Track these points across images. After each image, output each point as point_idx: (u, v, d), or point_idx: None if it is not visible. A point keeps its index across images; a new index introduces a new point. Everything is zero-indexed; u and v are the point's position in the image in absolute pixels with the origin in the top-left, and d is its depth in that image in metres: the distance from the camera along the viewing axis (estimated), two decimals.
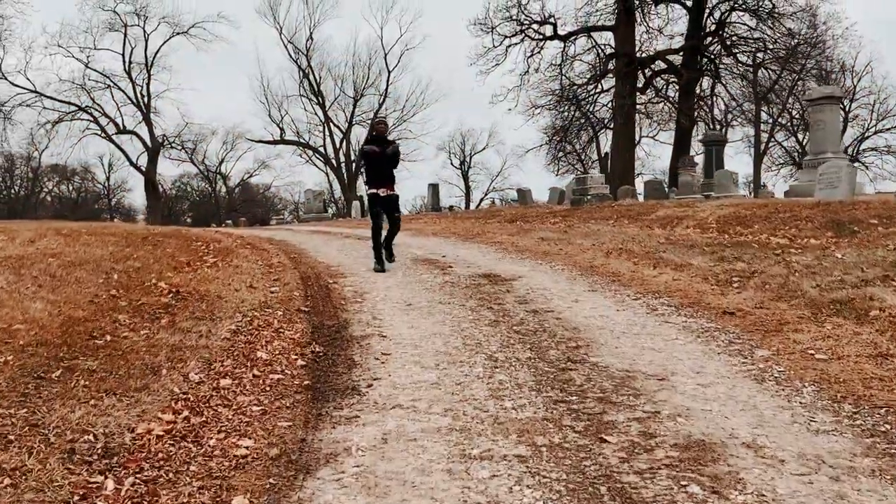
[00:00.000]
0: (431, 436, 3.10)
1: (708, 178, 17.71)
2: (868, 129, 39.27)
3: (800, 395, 3.53)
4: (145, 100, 41.93)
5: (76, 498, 2.37)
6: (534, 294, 6.26)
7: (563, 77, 26.57)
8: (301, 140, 44.92)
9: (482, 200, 49.97)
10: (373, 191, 7.90)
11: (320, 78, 43.37)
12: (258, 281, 6.36)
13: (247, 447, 2.91)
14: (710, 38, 26.05)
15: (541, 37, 26.36)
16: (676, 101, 27.30)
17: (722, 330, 4.78)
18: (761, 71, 27.18)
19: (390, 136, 8.25)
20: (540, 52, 26.41)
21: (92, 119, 41.40)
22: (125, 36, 40.20)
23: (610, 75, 26.53)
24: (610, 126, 30.12)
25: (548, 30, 26.28)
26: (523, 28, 26.02)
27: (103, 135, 42.30)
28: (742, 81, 28.21)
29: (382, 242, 7.96)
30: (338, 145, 44.41)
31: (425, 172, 53.06)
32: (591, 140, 37.55)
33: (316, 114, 44.03)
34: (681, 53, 26.14)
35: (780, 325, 4.76)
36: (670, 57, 26.45)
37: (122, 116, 41.82)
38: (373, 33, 49.91)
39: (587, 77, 27.07)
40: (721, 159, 19.69)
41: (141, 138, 42.48)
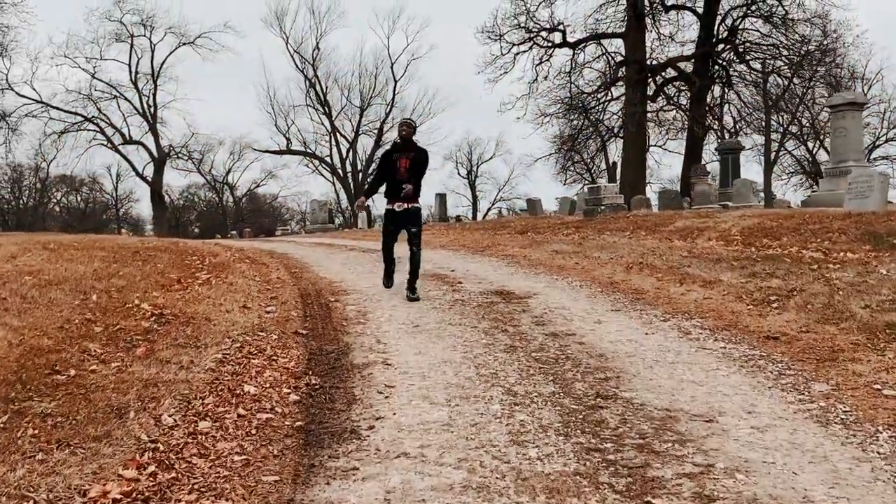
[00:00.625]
0: (443, 495, 2.60)
1: (724, 188, 17.15)
2: (879, 138, 38.63)
3: (876, 442, 3.01)
4: (151, 110, 41.84)
5: None
6: (552, 314, 5.76)
7: (572, 85, 26.16)
8: (307, 150, 44.66)
9: (489, 210, 49.54)
10: (388, 206, 6.63)
11: (327, 88, 43.16)
12: (253, 300, 5.88)
13: None
14: (722, 44, 25.58)
15: (549, 44, 25.95)
16: (688, 108, 26.83)
17: (768, 358, 4.25)
18: (771, 79, 26.66)
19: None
20: (549, 59, 26.02)
21: (98, 130, 41.34)
22: (131, 46, 40.18)
23: (620, 83, 26.08)
24: (620, 135, 29.63)
25: (557, 37, 25.88)
26: (532, 35, 25.62)
27: (109, 145, 42.23)
28: (754, 89, 27.68)
29: (396, 261, 6.90)
30: (344, 155, 44.12)
31: (432, 182, 52.73)
32: (599, 149, 37.10)
33: (322, 124, 43.80)
34: (692, 60, 25.67)
35: (833, 353, 4.23)
36: (681, 64, 25.98)
37: (128, 127, 41.74)
38: (379, 43, 49.66)
39: (597, 85, 26.64)
40: (737, 168, 19.15)
41: (147, 149, 42.37)
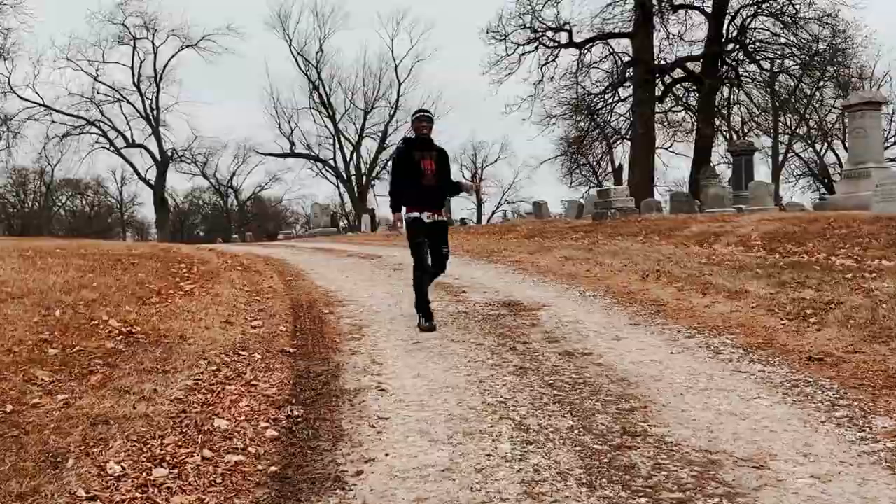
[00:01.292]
0: None
1: (738, 190, 16.60)
2: (887, 140, 37.88)
3: None
4: (154, 113, 41.58)
5: None
6: (564, 329, 5.25)
7: (578, 86, 25.66)
8: (311, 153, 44.27)
9: (494, 213, 49.02)
10: (414, 214, 5.42)
11: (330, 90, 42.80)
12: (238, 313, 5.39)
13: None
14: (731, 44, 25.04)
15: (556, 44, 25.46)
16: (696, 109, 26.28)
17: (815, 384, 3.73)
18: (779, 80, 26.08)
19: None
20: (555, 60, 25.52)
21: (101, 133, 41.11)
22: (134, 49, 39.96)
23: (627, 83, 25.58)
24: (627, 136, 29.13)
25: (563, 37, 25.39)
26: (537, 35, 25.14)
27: (112, 149, 41.98)
28: (763, 92, 27.10)
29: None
30: (348, 158, 43.73)
31: None
32: (606, 152, 36.57)
33: (326, 126, 43.41)
34: (700, 60, 25.13)
35: (890, 379, 3.71)
36: (689, 64, 25.45)
37: (130, 130, 41.49)
38: (383, 45, 49.35)
39: (604, 86, 26.14)
40: (751, 170, 18.60)
41: (150, 152, 42.09)
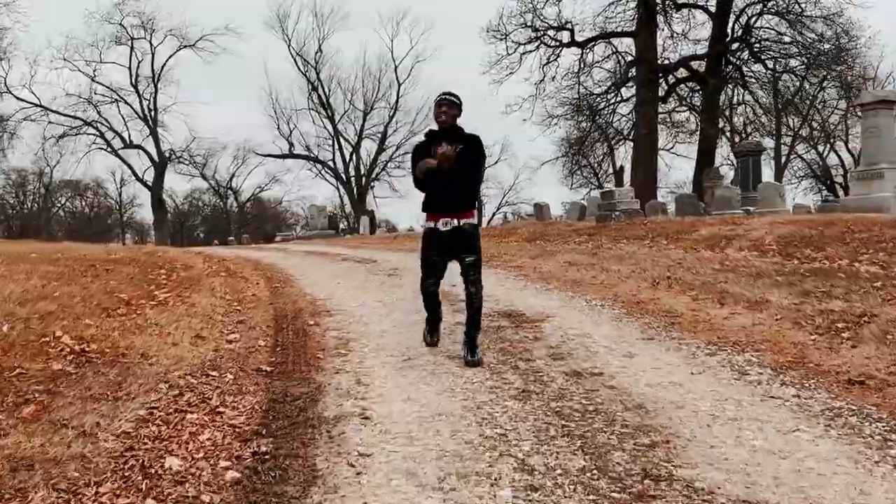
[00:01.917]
0: None
1: (745, 192, 16.14)
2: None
3: None
4: (152, 114, 41.13)
5: None
6: (571, 343, 4.79)
7: (580, 86, 25.21)
8: (310, 154, 43.82)
9: (494, 215, 48.55)
10: (430, 224, 4.41)
11: (329, 91, 42.33)
12: (213, 326, 4.93)
13: None
14: (736, 43, 24.60)
15: (557, 43, 25.00)
16: (700, 109, 25.82)
17: (860, 413, 3.27)
18: (783, 80, 25.63)
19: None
20: (556, 59, 25.07)
21: (98, 133, 40.64)
22: (132, 49, 39.50)
23: (630, 83, 25.13)
24: (629, 137, 28.67)
25: (565, 36, 24.94)
26: (539, 35, 24.69)
27: (109, 149, 41.53)
28: (766, 92, 26.63)
29: (440, 305, 4.77)
30: (347, 159, 43.29)
31: None
32: (606, 154, 36.12)
33: (325, 127, 42.95)
34: (705, 60, 24.68)
35: None
36: (693, 64, 25.00)
37: (128, 131, 41.04)
38: (383, 45, 48.83)
39: (606, 86, 25.69)
40: (759, 171, 18.12)
41: (147, 153, 41.65)
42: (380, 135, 42.87)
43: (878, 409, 3.31)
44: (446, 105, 4.33)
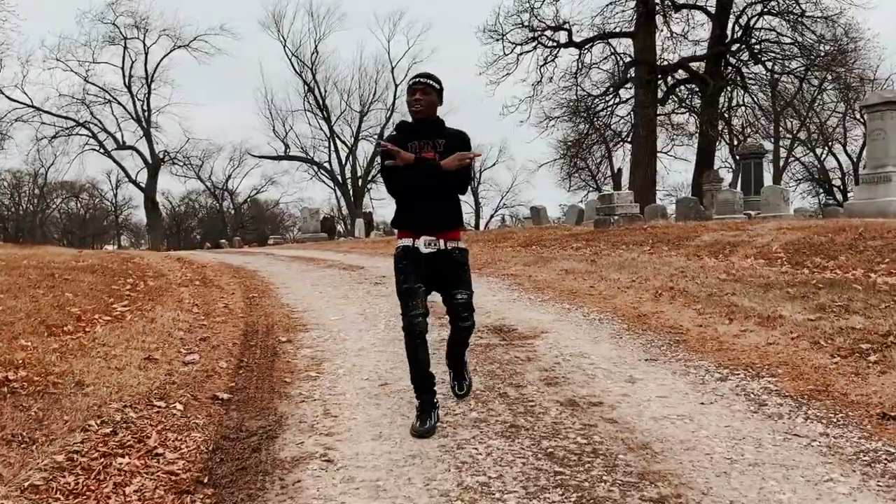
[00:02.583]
0: None
1: (747, 195, 15.71)
2: None
3: None
4: (145, 114, 40.64)
5: None
6: (567, 365, 4.33)
7: (578, 87, 24.78)
8: (306, 156, 43.40)
9: (492, 218, 48.15)
10: (405, 241, 3.36)
11: (326, 92, 41.98)
12: (171, 346, 4.45)
13: None
14: (736, 44, 24.22)
15: (555, 44, 24.58)
16: (700, 111, 25.40)
17: None
18: (781, 83, 25.21)
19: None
20: (554, 60, 24.64)
21: (90, 135, 40.12)
22: (125, 49, 39.07)
23: (629, 85, 24.72)
24: (627, 139, 28.28)
25: (562, 36, 24.51)
26: (536, 35, 24.26)
27: (102, 151, 41.01)
28: (768, 92, 26.21)
29: (430, 365, 3.41)
30: (343, 161, 42.87)
31: None
32: (605, 156, 35.74)
33: (321, 129, 42.56)
34: (704, 61, 24.28)
35: None
36: (693, 65, 24.60)
37: (121, 132, 40.55)
38: (380, 46, 48.38)
39: (604, 87, 25.28)
40: (761, 174, 17.70)
41: (141, 154, 41.16)
42: (376, 136, 42.44)
43: None
44: (421, 89, 3.28)
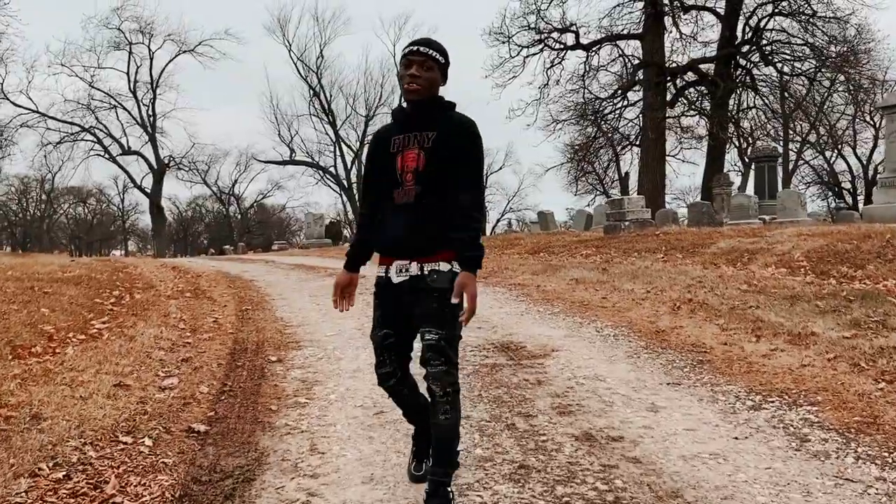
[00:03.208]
0: None
1: (761, 200, 15.27)
2: None
3: None
4: (151, 119, 40.55)
5: None
6: (581, 390, 3.93)
7: (585, 90, 24.40)
8: (312, 160, 43.18)
9: (498, 222, 47.79)
10: (380, 270, 2.48)
11: (331, 96, 41.76)
12: (148, 369, 4.09)
13: None
14: (746, 45, 23.77)
15: (561, 46, 24.22)
16: (710, 113, 24.96)
17: None
18: (791, 84, 24.73)
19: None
20: (560, 62, 24.29)
21: (96, 140, 40.05)
22: (130, 54, 39.03)
23: (637, 87, 24.31)
24: (636, 143, 27.87)
25: (569, 38, 24.16)
26: (542, 37, 23.91)
27: (107, 156, 40.93)
28: (777, 95, 25.72)
29: (420, 408, 2.60)
30: (349, 166, 42.63)
31: None
32: (612, 160, 35.31)
33: (327, 133, 42.35)
34: (714, 63, 23.85)
35: None
36: (702, 67, 24.18)
37: (126, 137, 40.48)
38: (385, 50, 48.10)
39: (612, 90, 24.88)
40: (775, 177, 17.23)
41: (146, 159, 41.06)
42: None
43: None
44: (419, 62, 2.39)
